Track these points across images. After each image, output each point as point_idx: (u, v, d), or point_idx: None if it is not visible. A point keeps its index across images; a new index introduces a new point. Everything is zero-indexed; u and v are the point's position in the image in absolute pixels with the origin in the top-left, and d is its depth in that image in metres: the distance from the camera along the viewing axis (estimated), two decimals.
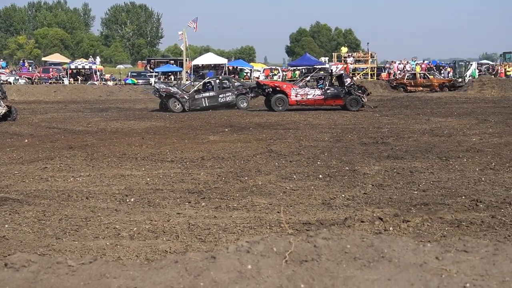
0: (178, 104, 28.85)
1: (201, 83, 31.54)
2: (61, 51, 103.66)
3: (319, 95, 27.79)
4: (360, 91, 28.09)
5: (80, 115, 26.51)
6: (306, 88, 28.37)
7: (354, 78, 51.73)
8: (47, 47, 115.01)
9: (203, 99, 29.47)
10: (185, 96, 29.06)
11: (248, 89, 30.64)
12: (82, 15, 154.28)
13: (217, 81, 31.27)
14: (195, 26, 54.53)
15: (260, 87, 28.78)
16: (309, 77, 31.55)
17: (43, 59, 77.15)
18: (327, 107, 28.02)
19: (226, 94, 30.02)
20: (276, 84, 29.17)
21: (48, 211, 8.44)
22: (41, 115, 26.35)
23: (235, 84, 31.50)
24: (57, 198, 9.23)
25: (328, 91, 27.79)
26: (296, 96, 27.71)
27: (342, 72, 29.39)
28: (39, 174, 11.29)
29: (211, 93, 29.83)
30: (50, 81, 54.00)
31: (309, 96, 27.78)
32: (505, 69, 54.27)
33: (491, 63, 75.38)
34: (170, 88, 30.29)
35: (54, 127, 20.61)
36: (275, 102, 27.70)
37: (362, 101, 27.74)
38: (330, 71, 29.10)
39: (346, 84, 27.94)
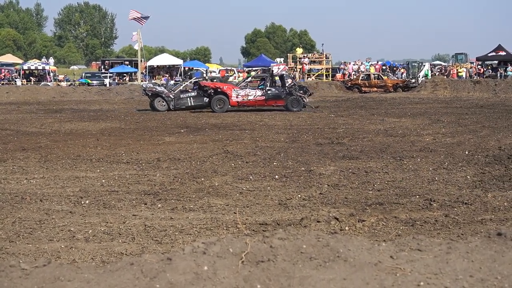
0: (164, 103, 29.33)
1: (188, 82, 31.94)
2: (14, 52, 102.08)
3: (260, 95, 27.85)
4: (301, 92, 28.39)
5: (34, 116, 26.12)
6: (247, 89, 28.31)
7: (310, 78, 52.09)
8: None
9: (188, 99, 29.79)
10: (170, 95, 29.47)
11: None
12: (35, 15, 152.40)
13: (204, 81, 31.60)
14: (138, 20, 54.03)
15: (201, 89, 28.76)
16: (250, 78, 31.66)
17: None
18: (269, 108, 28.19)
19: None
20: (217, 85, 29.11)
21: (0, 213, 8.30)
22: None
23: None
24: (10, 201, 9.08)
25: (269, 92, 27.86)
26: (237, 97, 27.75)
27: (283, 72, 29.45)
28: None
29: (197, 93, 30.11)
30: (2, 82, 53.12)
31: (250, 97, 27.84)
32: (457, 70, 55.07)
33: (443, 64, 76.40)
34: (156, 87, 30.82)
35: (6, 129, 20.27)
36: (215, 103, 27.75)
37: (304, 101, 27.97)
38: (271, 71, 29.14)
39: (287, 85, 28.16)
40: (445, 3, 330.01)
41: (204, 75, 46.91)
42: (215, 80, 32.09)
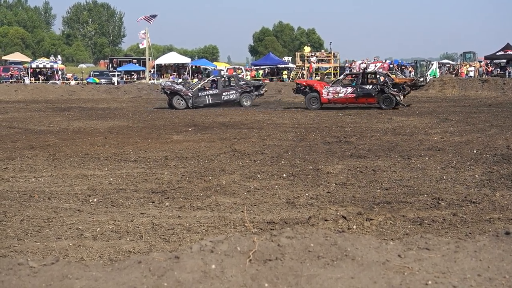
0: (182, 101, 29.81)
1: (206, 80, 32.59)
2: (22, 50, 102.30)
3: (351, 93, 27.70)
4: (395, 90, 27.61)
5: (42, 114, 26.19)
6: (338, 86, 28.29)
7: (317, 77, 51.93)
8: (8, 46, 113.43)
9: (206, 97, 30.33)
10: (189, 93, 29.92)
11: (252, 87, 31.41)
12: (43, 14, 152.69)
13: (222, 79, 32.18)
14: (147, 19, 54.60)
15: (296, 85, 29.53)
16: (342, 76, 31.64)
17: (4, 58, 76.04)
18: (361, 106, 27.90)
19: (230, 92, 30.76)
20: (309, 83, 29.63)
21: (9, 212, 8.34)
22: (1, 115, 25.99)
23: (240, 82, 32.04)
24: (18, 199, 9.12)
25: (359, 90, 27.63)
26: (327, 95, 27.88)
27: (380, 70, 29.31)
28: (0, 174, 11.14)
29: (215, 91, 30.62)
30: (10, 80, 53.28)
31: (340, 95, 27.81)
32: (466, 68, 54.89)
33: (451, 62, 76.21)
34: (175, 85, 31.52)
35: (15, 127, 20.34)
36: (309, 101, 28.25)
37: (397, 99, 27.24)
38: (364, 69, 29.19)
39: (379, 82, 27.86)
40: (453, 1, 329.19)
41: (222, 73, 47.39)
42: (232, 79, 32.39)
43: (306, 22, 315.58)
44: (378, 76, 28.96)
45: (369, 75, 30.02)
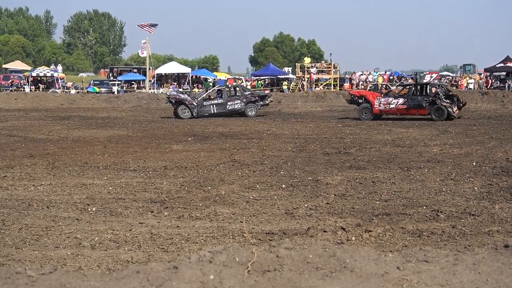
0: (187, 111, 29.87)
1: (211, 90, 32.65)
2: (23, 59, 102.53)
3: (402, 104, 27.50)
4: (448, 101, 27.00)
5: (42, 123, 26.20)
6: (390, 98, 28.22)
7: (317, 88, 51.90)
8: (8, 54, 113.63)
9: (211, 106, 30.43)
10: (194, 102, 29.98)
11: (257, 98, 31.48)
12: (44, 23, 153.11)
13: (227, 89, 32.27)
14: (147, 28, 54.93)
15: (350, 96, 29.90)
16: (394, 87, 31.44)
17: (4, 66, 76.31)
18: (414, 117, 27.49)
19: (235, 102, 30.79)
20: (362, 94, 29.73)
21: (7, 220, 8.33)
22: (1, 123, 25.99)
23: (245, 92, 32.15)
24: (17, 207, 9.11)
25: (410, 101, 27.40)
26: (379, 106, 27.81)
27: (431, 81, 28.89)
28: None
29: (220, 101, 30.70)
30: (11, 88, 53.33)
31: (391, 106, 27.67)
32: (466, 81, 54.88)
33: (451, 75, 76.27)
34: (180, 95, 31.54)
35: (14, 135, 20.34)
36: (362, 111, 28.25)
37: (448, 111, 26.64)
38: (416, 79, 28.84)
39: (430, 94, 27.50)
40: (453, 14, 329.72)
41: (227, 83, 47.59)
42: (238, 89, 32.48)
43: (307, 33, 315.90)
44: (430, 87, 28.69)
45: (421, 86, 29.69)
